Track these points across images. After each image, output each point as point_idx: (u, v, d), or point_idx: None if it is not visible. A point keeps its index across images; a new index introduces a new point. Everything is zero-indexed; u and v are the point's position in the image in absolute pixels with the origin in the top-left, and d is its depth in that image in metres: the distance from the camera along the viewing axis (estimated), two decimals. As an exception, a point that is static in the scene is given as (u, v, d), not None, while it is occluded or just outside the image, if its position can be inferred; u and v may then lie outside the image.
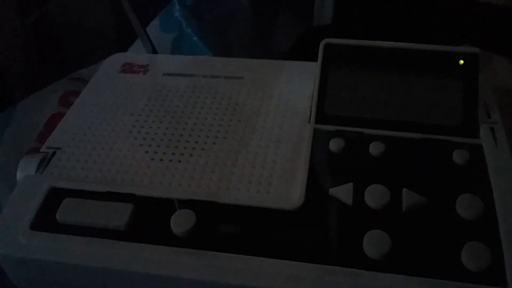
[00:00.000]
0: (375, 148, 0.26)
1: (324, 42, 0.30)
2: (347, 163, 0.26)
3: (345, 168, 0.26)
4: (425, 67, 0.29)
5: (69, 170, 0.28)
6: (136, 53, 0.40)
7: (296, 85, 0.32)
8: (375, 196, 0.24)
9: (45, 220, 0.25)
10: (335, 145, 0.27)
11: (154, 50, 0.37)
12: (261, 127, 0.29)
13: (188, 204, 0.25)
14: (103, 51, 0.40)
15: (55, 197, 0.26)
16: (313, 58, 0.30)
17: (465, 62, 0.28)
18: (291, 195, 0.25)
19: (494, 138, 0.27)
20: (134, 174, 0.27)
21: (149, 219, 0.25)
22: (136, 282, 0.24)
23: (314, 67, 0.30)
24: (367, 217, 0.24)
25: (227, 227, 0.24)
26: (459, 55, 0.28)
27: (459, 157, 0.26)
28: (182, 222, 0.24)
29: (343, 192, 0.25)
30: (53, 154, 0.29)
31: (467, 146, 0.26)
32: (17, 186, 0.27)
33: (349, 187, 0.25)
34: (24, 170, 0.28)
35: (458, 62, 0.28)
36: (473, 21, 0.44)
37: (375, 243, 0.23)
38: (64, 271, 0.24)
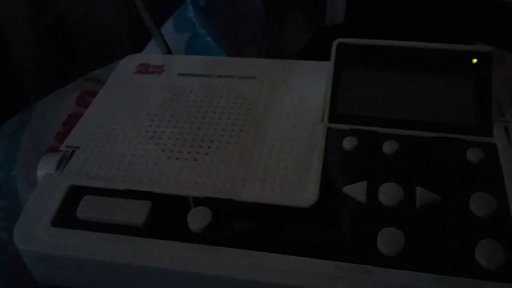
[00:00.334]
0: (389, 147, 0.27)
1: (337, 42, 0.30)
2: (361, 162, 0.26)
3: (359, 167, 0.26)
4: (438, 66, 0.29)
5: (88, 169, 0.28)
6: (151, 54, 0.41)
7: (309, 85, 0.32)
8: (389, 194, 0.24)
9: (66, 217, 0.26)
10: (349, 144, 0.27)
11: (169, 51, 0.38)
12: (275, 126, 0.30)
13: (204, 202, 0.25)
14: (118, 52, 0.40)
15: (75, 195, 0.26)
16: (326, 58, 0.31)
17: (479, 61, 0.28)
18: (305, 193, 0.26)
19: (508, 137, 0.27)
20: (152, 173, 0.28)
21: (167, 216, 0.25)
22: (154, 277, 0.24)
23: (327, 67, 0.30)
24: (381, 215, 0.24)
25: (242, 224, 0.25)
26: (473, 54, 0.29)
27: (473, 156, 0.26)
28: (199, 219, 0.24)
29: (357, 190, 0.25)
30: (72, 153, 0.29)
31: (481, 145, 0.26)
32: (38, 184, 0.28)
33: (363, 185, 0.25)
34: (44, 168, 0.28)
35: (472, 61, 0.28)
36: (486, 20, 0.44)
37: (389, 240, 0.23)
38: (84, 266, 0.25)
